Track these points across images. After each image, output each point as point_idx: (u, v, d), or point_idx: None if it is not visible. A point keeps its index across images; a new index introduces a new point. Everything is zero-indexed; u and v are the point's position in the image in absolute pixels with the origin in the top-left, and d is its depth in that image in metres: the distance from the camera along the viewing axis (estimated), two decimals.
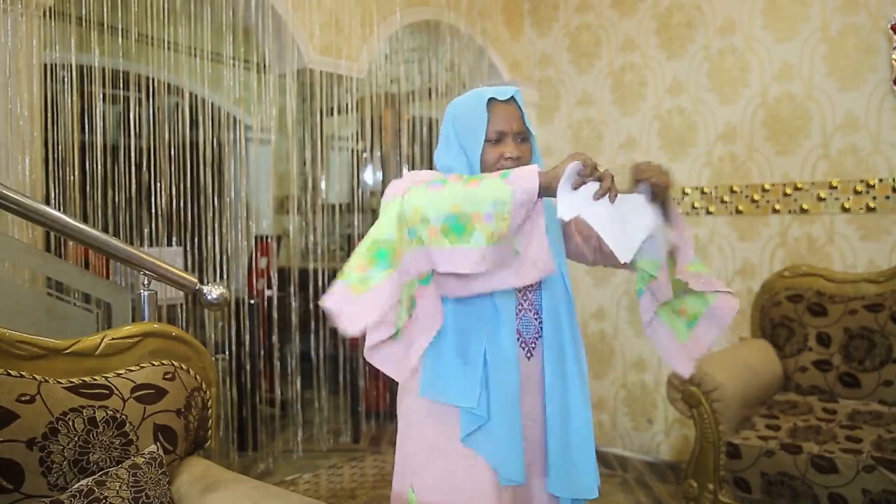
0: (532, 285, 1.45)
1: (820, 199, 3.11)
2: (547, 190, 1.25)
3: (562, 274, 1.50)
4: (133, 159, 2.83)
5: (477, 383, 1.37)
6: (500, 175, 1.25)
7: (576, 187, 1.26)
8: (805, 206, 3.15)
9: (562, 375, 1.45)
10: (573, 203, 1.25)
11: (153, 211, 2.93)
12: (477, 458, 1.39)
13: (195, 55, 3.05)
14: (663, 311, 1.52)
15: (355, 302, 1.21)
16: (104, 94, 2.69)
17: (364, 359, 4.05)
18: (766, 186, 3.25)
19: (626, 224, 1.31)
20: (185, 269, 3.08)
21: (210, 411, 1.70)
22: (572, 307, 1.50)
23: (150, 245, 2.93)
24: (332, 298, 1.22)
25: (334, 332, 3.73)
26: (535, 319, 1.47)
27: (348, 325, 1.20)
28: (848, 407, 2.67)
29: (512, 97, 1.45)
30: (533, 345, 1.47)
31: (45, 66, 2.47)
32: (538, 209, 1.27)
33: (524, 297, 1.47)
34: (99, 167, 2.68)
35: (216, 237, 3.14)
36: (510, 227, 1.22)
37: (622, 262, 1.31)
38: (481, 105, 1.43)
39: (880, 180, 2.98)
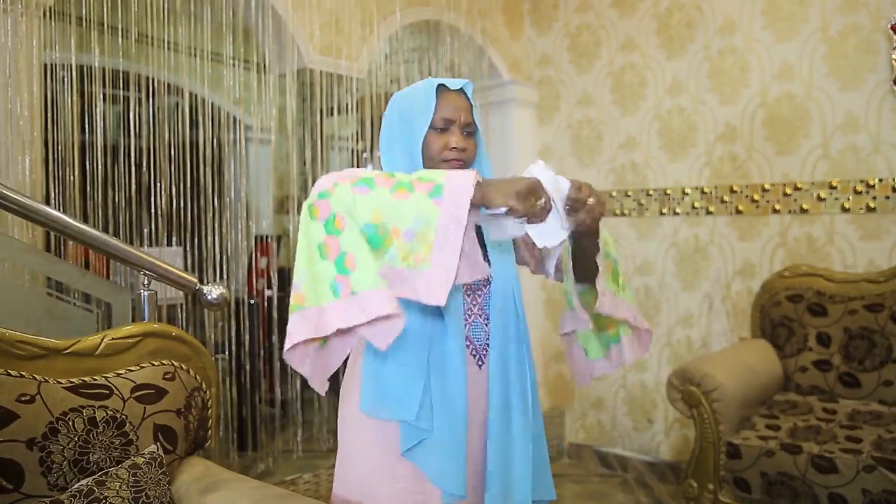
0: (481, 288, 1.40)
1: (820, 199, 3.11)
2: (486, 203, 1.17)
3: (511, 276, 1.44)
4: (133, 159, 2.83)
5: (417, 394, 1.30)
6: (429, 192, 1.16)
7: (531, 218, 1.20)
8: (805, 206, 3.15)
9: (505, 384, 1.38)
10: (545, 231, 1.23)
11: (153, 211, 2.93)
12: (422, 475, 1.33)
13: (195, 55, 3.05)
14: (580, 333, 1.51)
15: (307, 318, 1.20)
16: (104, 94, 2.69)
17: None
18: (766, 186, 3.25)
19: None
20: (185, 269, 3.08)
21: (210, 411, 1.71)
22: (521, 309, 1.44)
23: (150, 245, 2.93)
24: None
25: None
26: (486, 324, 1.40)
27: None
28: (848, 407, 2.67)
29: (461, 89, 1.41)
30: (484, 352, 1.40)
31: (45, 66, 2.47)
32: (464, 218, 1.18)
33: (473, 302, 1.40)
34: (99, 167, 2.68)
35: (216, 237, 3.14)
36: (430, 257, 1.14)
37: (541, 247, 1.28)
38: (430, 91, 1.37)
39: (880, 180, 2.98)
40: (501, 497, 1.36)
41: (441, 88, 1.38)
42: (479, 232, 1.40)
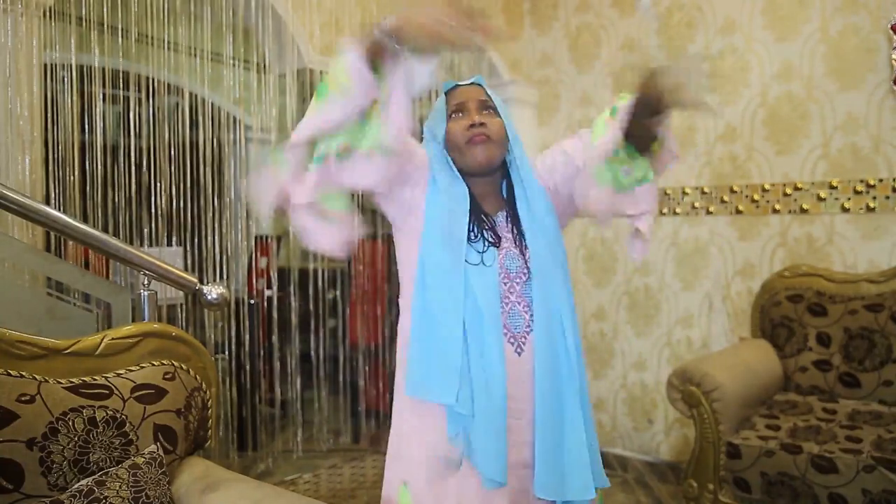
0: (520, 276, 1.40)
1: (820, 199, 3.11)
2: (406, 35, 1.19)
3: (560, 263, 1.43)
4: (133, 159, 2.83)
5: (454, 379, 1.31)
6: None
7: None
8: (805, 206, 3.15)
9: (553, 372, 1.38)
10: None
11: (153, 211, 2.93)
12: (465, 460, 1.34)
13: (195, 55, 3.05)
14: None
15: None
16: (104, 94, 2.69)
17: (363, 358, 4.02)
18: (766, 186, 3.25)
19: None
20: (185, 269, 3.08)
21: (210, 411, 1.71)
22: (571, 299, 1.43)
23: (150, 245, 2.93)
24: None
25: (334, 332, 3.74)
26: (526, 313, 1.39)
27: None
28: (848, 407, 2.67)
29: (473, 83, 1.46)
30: (523, 340, 1.38)
31: (45, 66, 2.47)
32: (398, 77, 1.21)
33: (511, 290, 1.39)
34: (99, 167, 2.68)
35: (216, 237, 3.14)
36: (349, 71, 1.16)
37: None
38: (442, 92, 1.47)
39: (880, 180, 2.98)
40: (553, 487, 1.35)
41: (451, 87, 1.46)
42: (511, 216, 1.44)
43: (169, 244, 3.06)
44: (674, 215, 3.53)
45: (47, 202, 2.48)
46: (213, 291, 2.06)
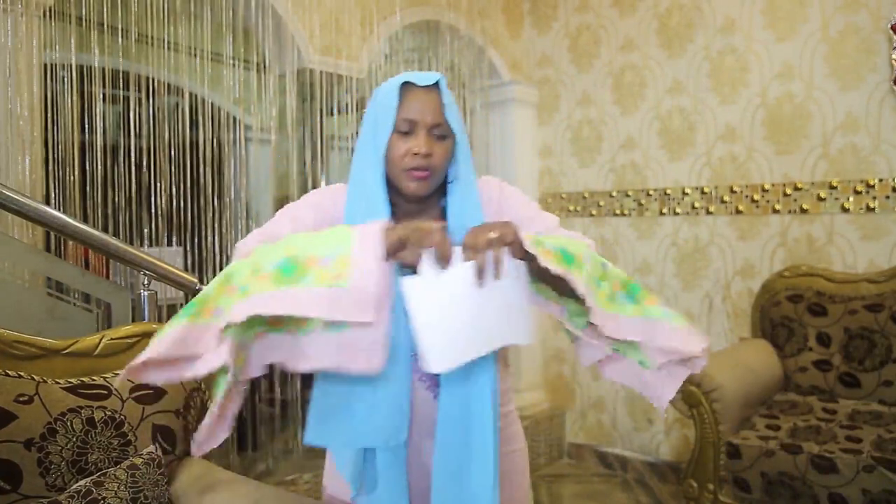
0: None
1: (820, 199, 3.11)
2: (398, 252, 1.06)
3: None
4: (133, 159, 2.83)
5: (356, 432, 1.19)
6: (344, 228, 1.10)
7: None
8: (805, 206, 3.15)
9: (459, 416, 1.22)
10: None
11: (153, 211, 2.93)
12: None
13: (195, 55, 3.05)
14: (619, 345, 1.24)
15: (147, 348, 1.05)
16: (104, 94, 2.69)
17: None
18: (766, 186, 3.25)
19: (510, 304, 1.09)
20: (185, 269, 3.08)
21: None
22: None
23: (150, 245, 2.93)
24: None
25: None
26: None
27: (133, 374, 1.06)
28: (848, 407, 2.67)
29: (436, 83, 1.22)
30: (437, 381, 1.24)
31: (45, 66, 2.47)
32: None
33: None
34: (99, 167, 2.68)
35: (216, 237, 3.14)
36: (352, 273, 1.02)
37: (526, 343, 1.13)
38: (394, 89, 1.21)
39: (880, 180, 2.97)
40: None
41: (407, 86, 1.21)
42: None
43: (169, 244, 3.06)
44: (674, 215, 3.53)
45: (47, 202, 2.48)
46: None
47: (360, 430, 1.19)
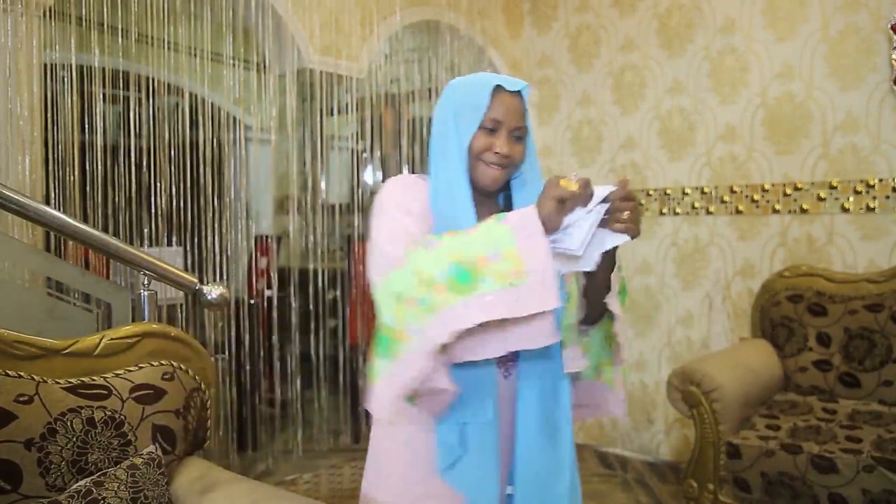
0: None
1: (820, 199, 3.11)
2: (549, 225, 1.14)
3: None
4: (133, 159, 2.83)
5: (487, 399, 1.28)
6: (495, 218, 1.16)
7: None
8: (805, 206, 3.15)
9: (534, 397, 1.33)
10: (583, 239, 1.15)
11: (153, 211, 2.93)
12: (450, 491, 1.30)
13: (195, 55, 3.05)
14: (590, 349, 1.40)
15: (373, 397, 1.21)
16: (104, 94, 2.69)
17: (363, 359, 3.99)
18: (766, 186, 3.25)
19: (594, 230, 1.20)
20: (185, 269, 3.08)
21: (209, 412, 1.70)
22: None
23: (150, 245, 2.93)
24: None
25: (334, 332, 3.74)
26: None
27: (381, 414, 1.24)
28: (848, 407, 2.67)
29: (519, 91, 1.34)
30: (511, 362, 1.34)
31: (45, 66, 2.47)
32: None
33: None
34: (99, 167, 2.69)
35: (216, 237, 3.14)
36: (523, 267, 1.10)
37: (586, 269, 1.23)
38: (486, 89, 1.31)
39: (880, 180, 2.97)
40: None
41: (497, 89, 1.32)
42: None
43: (169, 244, 3.06)
44: (674, 215, 3.53)
45: (47, 202, 2.48)
46: (213, 291, 2.07)
47: (454, 406, 1.26)
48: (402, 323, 1.14)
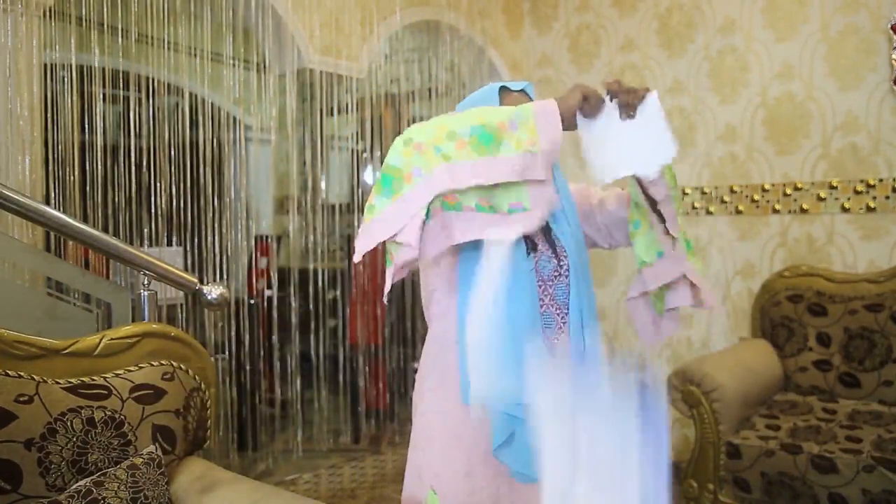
0: (553, 280, 1.41)
1: (820, 199, 3.11)
2: (566, 119, 1.28)
3: (583, 262, 1.45)
4: (133, 159, 2.83)
5: (520, 385, 1.28)
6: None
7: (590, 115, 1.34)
8: (805, 206, 3.15)
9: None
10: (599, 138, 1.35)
11: (153, 211, 2.93)
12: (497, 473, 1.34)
13: (195, 55, 3.05)
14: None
15: (362, 233, 1.22)
16: (104, 94, 2.69)
17: (363, 359, 3.98)
18: (766, 186, 3.25)
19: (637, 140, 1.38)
20: (185, 269, 3.08)
21: (209, 412, 1.71)
22: (593, 299, 1.48)
23: (150, 245, 2.93)
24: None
25: (334, 332, 3.74)
26: (557, 315, 1.41)
27: (354, 256, 1.24)
28: (848, 407, 2.67)
29: (523, 90, 1.45)
30: (555, 341, 1.40)
31: (45, 66, 2.47)
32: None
33: (544, 293, 1.40)
34: (99, 167, 2.68)
35: (216, 237, 3.14)
36: (540, 139, 1.21)
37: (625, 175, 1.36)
38: (494, 92, 1.43)
39: (880, 180, 2.97)
40: None
41: (503, 90, 1.43)
42: (547, 230, 1.43)
43: (169, 244, 3.06)
44: None
45: (47, 202, 2.48)
46: (213, 291, 2.07)
47: (500, 391, 1.30)
48: (409, 166, 1.19)
